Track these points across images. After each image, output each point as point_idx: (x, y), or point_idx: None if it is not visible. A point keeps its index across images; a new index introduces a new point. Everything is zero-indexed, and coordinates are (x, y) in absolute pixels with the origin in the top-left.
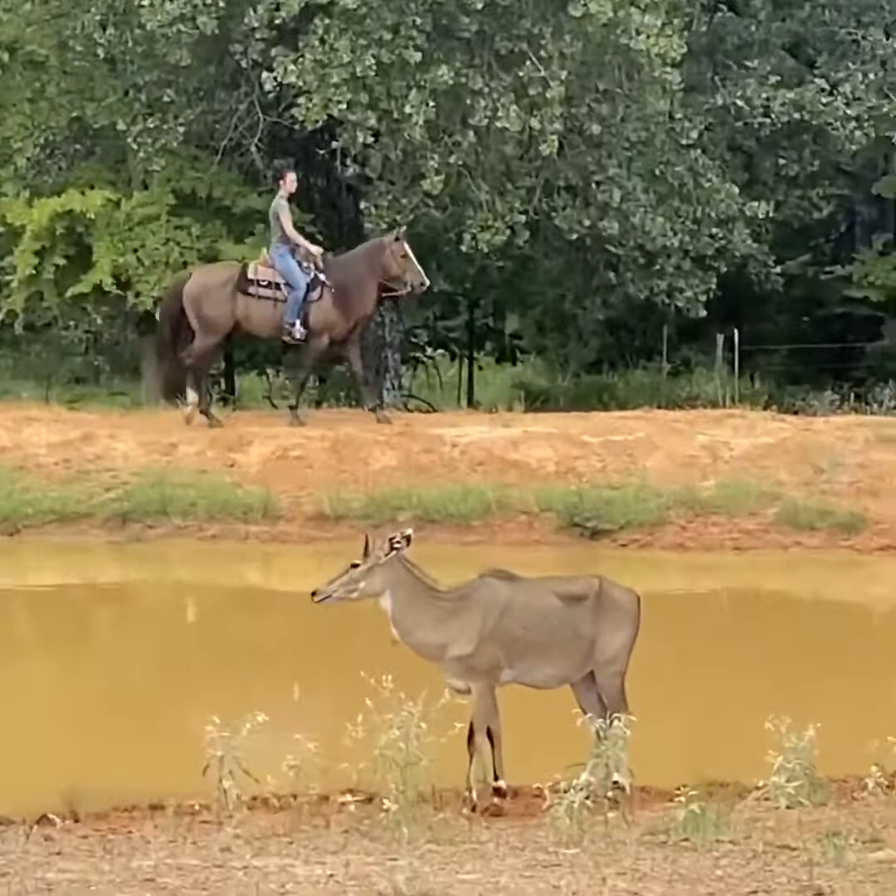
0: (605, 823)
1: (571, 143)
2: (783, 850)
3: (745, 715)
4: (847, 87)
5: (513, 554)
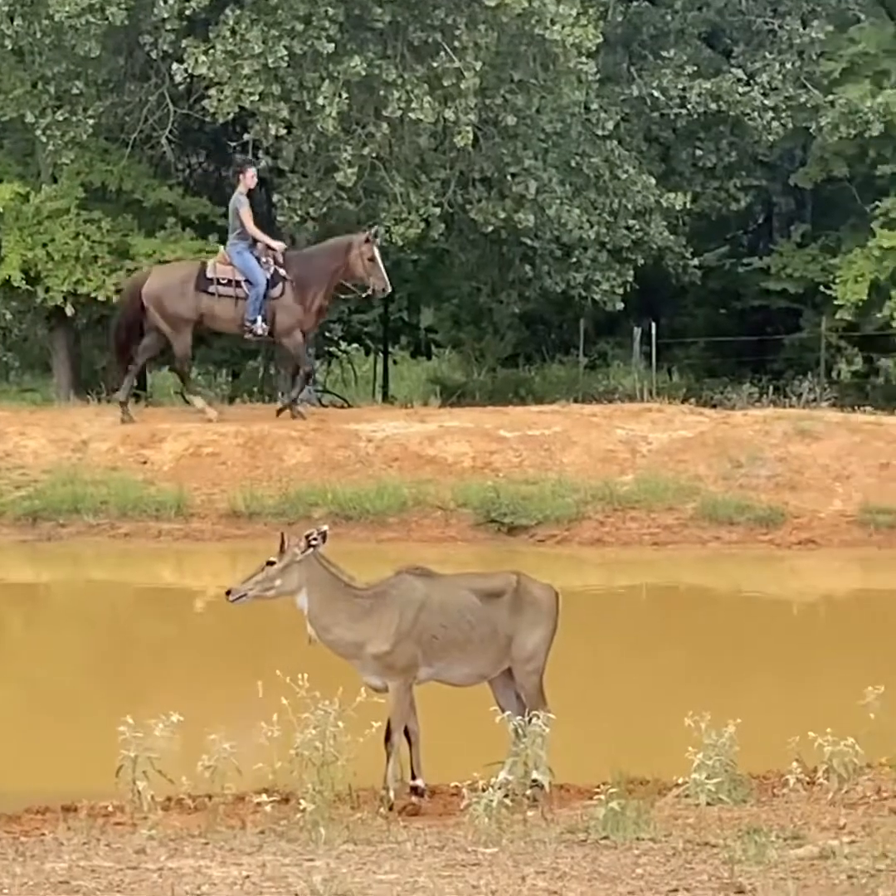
0: (524, 822)
1: (486, 135)
2: (704, 848)
3: (665, 712)
4: (764, 77)
5: (429, 550)
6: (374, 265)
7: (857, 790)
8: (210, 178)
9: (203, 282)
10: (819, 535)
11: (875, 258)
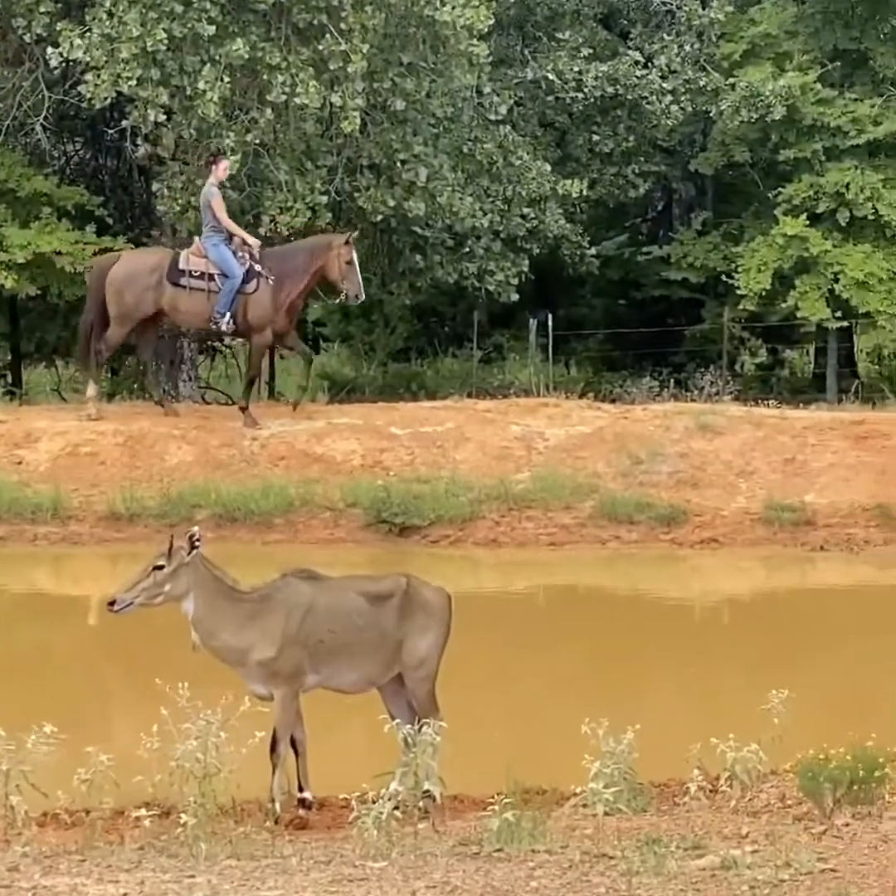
0: (414, 835)
1: (374, 120)
2: (601, 860)
3: (562, 718)
4: (662, 60)
5: (317, 552)
6: (350, 269)
7: (761, 798)
8: (87, 167)
9: (174, 273)
10: (722, 533)
11: (778, 246)
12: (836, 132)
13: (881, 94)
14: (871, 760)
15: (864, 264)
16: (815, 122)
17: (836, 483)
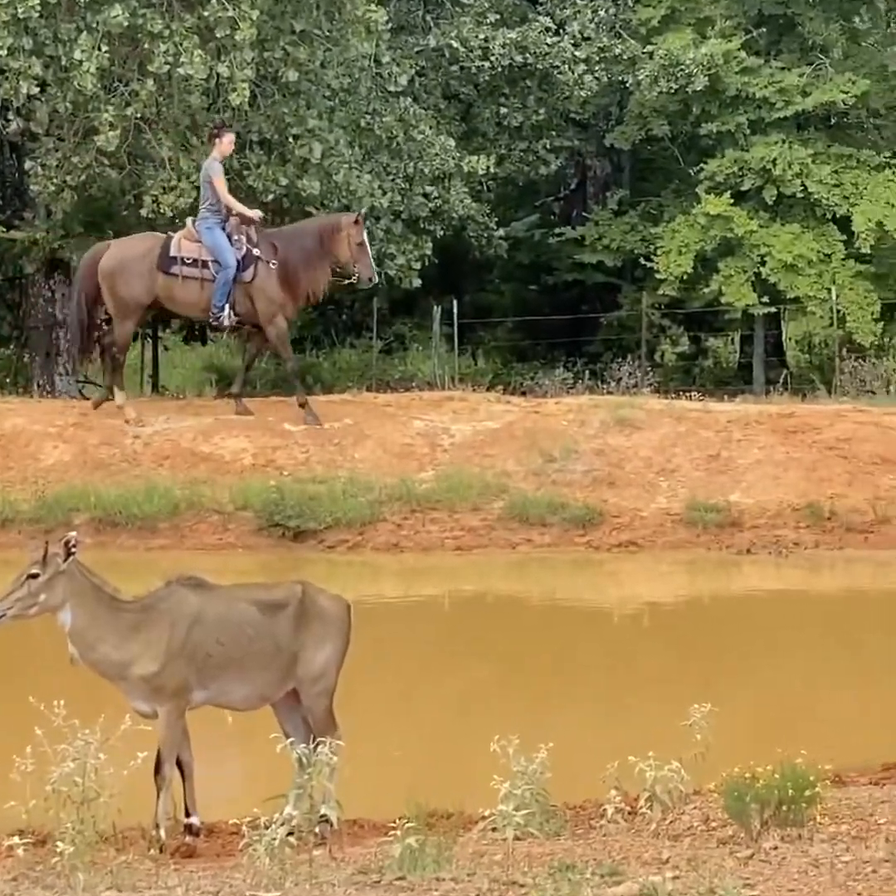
0: (310, 863)
1: (265, 92)
2: (511, 888)
3: (470, 736)
4: (575, 26)
5: (205, 559)
6: (361, 250)
7: (683, 820)
8: None
9: (165, 261)
10: (641, 535)
11: (700, 227)
12: (761, 104)
13: (810, 62)
14: (801, 779)
15: (792, 246)
16: (740, 93)
17: (764, 481)
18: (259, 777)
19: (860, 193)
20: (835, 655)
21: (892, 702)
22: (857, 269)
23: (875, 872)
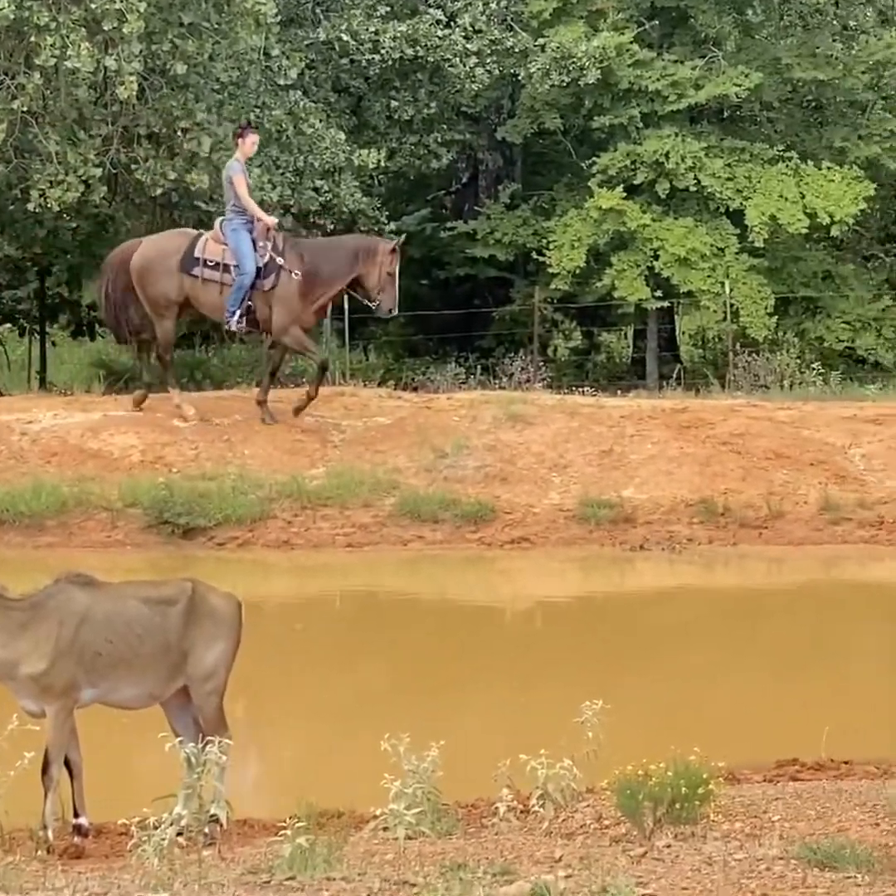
0: (199, 863)
1: (153, 86)
2: (402, 887)
3: (361, 734)
4: (466, 19)
5: (94, 557)
6: (390, 280)
7: (576, 818)
8: None
9: (188, 262)
10: (533, 532)
11: (593, 221)
12: (654, 97)
13: (702, 55)
14: (695, 776)
15: (685, 240)
16: (632, 87)
17: (657, 477)
18: (148, 777)
19: (753, 187)
20: (728, 653)
21: (785, 699)
22: (751, 263)
23: (769, 870)
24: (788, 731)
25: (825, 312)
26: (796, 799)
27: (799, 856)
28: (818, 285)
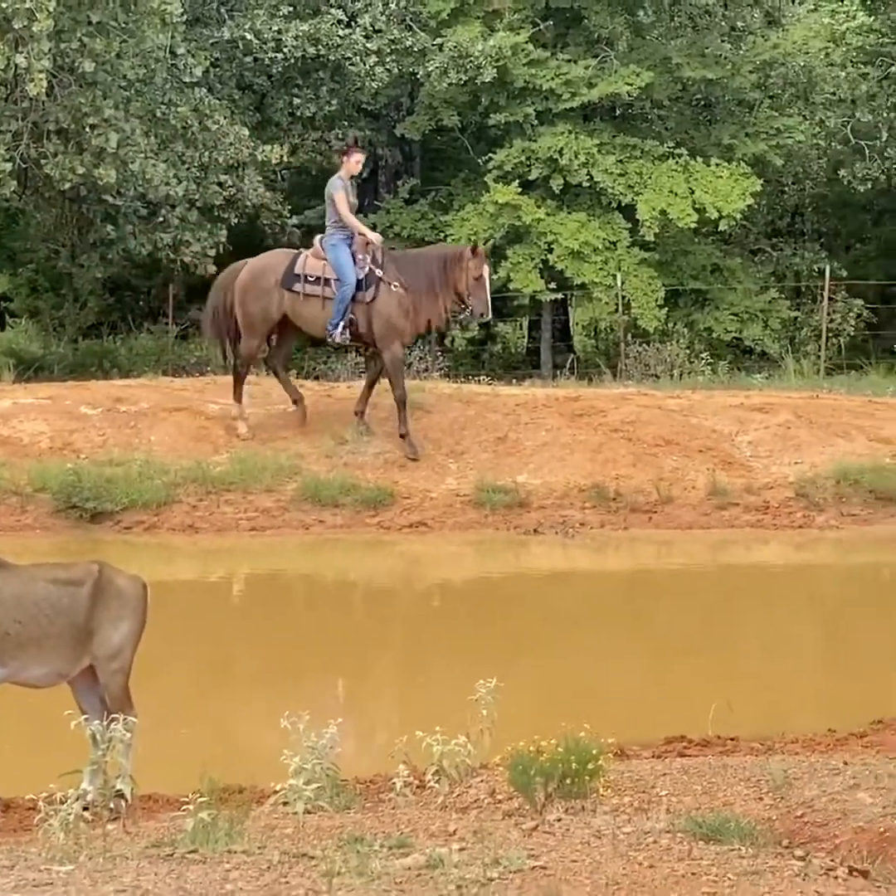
0: (104, 836)
1: (62, 83)
2: (301, 860)
3: (262, 712)
4: (366, 19)
5: (3, 540)
6: (478, 284)
7: (470, 793)
8: None
9: (289, 278)
10: (431, 517)
11: (490, 215)
12: (548, 95)
13: (595, 54)
14: (585, 752)
15: (578, 234)
16: (527, 85)
17: (551, 463)
18: (55, 753)
19: (644, 183)
20: (619, 633)
21: (674, 678)
22: (642, 256)
23: (656, 843)
24: (676, 709)
25: (713, 304)
26: (683, 774)
27: (685, 829)
28: (707, 278)
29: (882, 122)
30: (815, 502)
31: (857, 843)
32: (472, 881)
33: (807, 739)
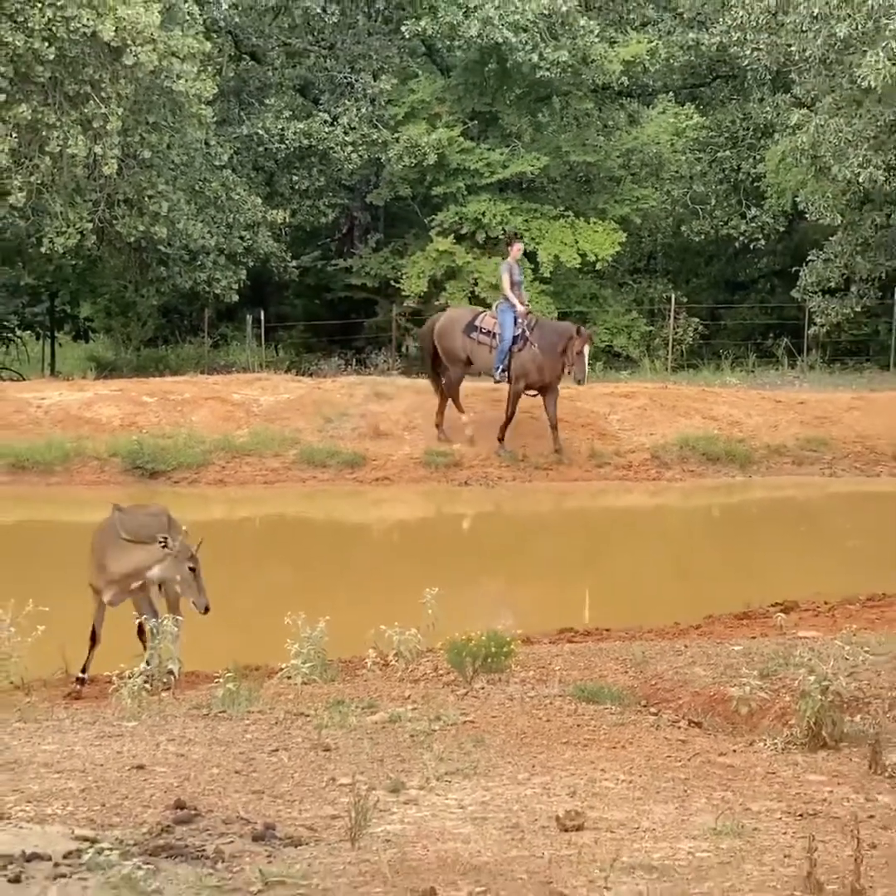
0: (159, 702)
1: (128, 165)
2: (299, 717)
3: (273, 614)
4: (345, 120)
5: (89, 492)
6: (579, 358)
7: (420, 669)
8: None
9: (469, 328)
10: (392, 473)
11: (433, 259)
12: (474, 173)
13: (508, 144)
14: (500, 640)
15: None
16: (459, 166)
17: (478, 433)
18: (126, 643)
19: (543, 236)
20: (524, 554)
21: (564, 587)
22: (542, 288)
23: (551, 703)
24: (566, 608)
25: (592, 322)
26: (571, 655)
27: (573, 694)
28: (587, 303)
29: (711, 192)
30: (664, 462)
31: (694, 703)
32: (421, 731)
33: (659, 629)
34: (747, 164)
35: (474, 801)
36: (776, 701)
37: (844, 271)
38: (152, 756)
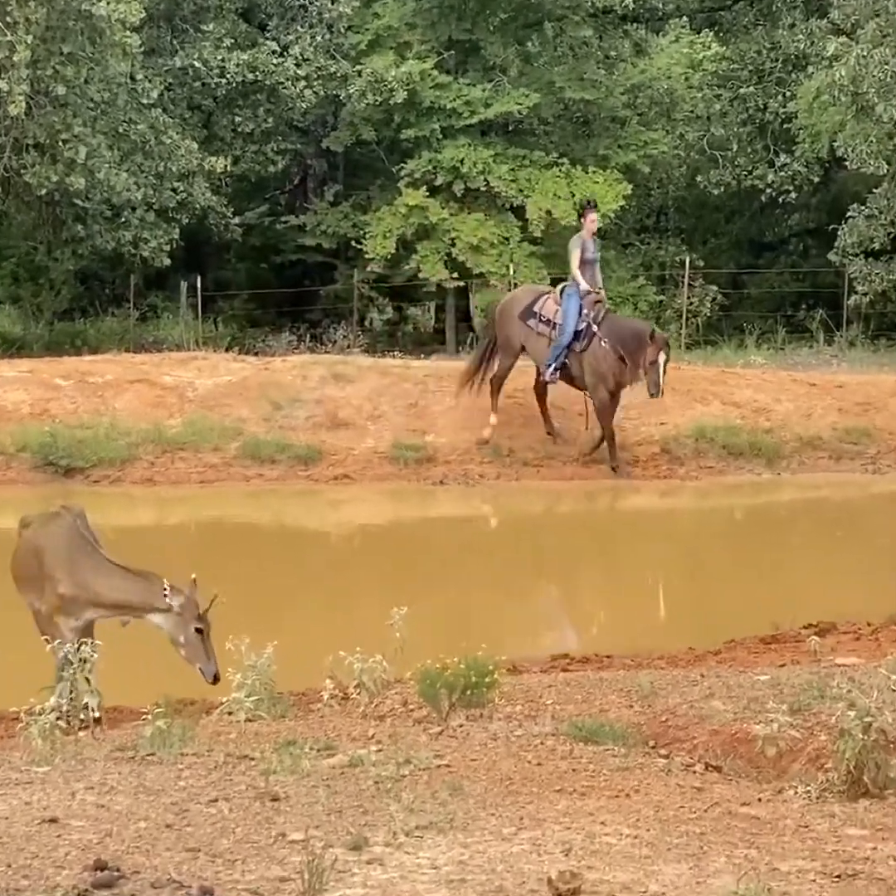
0: (76, 742)
1: (38, 104)
2: (243, 761)
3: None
4: (297, 49)
5: None
6: (653, 369)
7: (386, 703)
8: None
9: (527, 313)
10: (353, 470)
11: (402, 215)
12: (451, 113)
13: (491, 79)
14: (482, 668)
15: (477, 231)
16: (433, 105)
17: (454, 425)
18: (36, 672)
19: (532, 187)
20: (511, 567)
21: (559, 604)
22: (531, 249)
23: (542, 744)
24: (560, 631)
25: None
26: (566, 686)
27: (567, 732)
28: None
29: (732, 136)
30: (677, 457)
31: (711, 743)
32: (388, 777)
33: (670, 656)
34: (775, 102)
35: (450, 861)
36: (809, 741)
37: (891, 230)
38: (67, 807)
